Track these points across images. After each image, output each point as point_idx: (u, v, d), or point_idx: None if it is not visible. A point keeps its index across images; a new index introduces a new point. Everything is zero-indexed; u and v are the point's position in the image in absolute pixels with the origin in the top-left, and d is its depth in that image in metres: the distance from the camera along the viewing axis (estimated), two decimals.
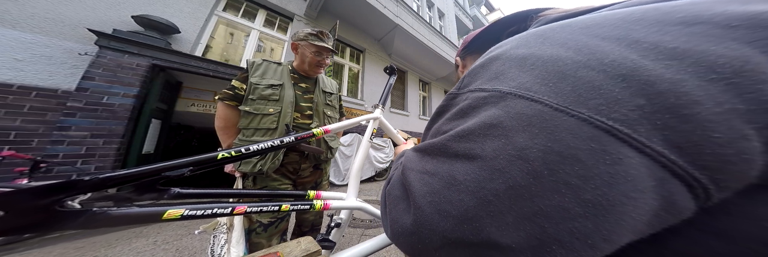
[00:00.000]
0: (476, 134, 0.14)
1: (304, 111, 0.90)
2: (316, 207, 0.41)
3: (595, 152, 0.11)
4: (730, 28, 0.11)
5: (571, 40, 0.14)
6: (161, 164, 0.31)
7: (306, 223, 0.99)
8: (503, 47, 0.17)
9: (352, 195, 0.55)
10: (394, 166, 0.31)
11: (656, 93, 0.10)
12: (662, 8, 0.13)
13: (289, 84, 0.88)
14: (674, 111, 0.10)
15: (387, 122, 0.77)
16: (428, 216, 0.14)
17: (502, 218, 0.12)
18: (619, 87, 0.11)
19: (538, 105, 0.12)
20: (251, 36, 3.19)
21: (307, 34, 0.89)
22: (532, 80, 0.13)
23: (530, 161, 0.12)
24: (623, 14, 0.14)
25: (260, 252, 0.42)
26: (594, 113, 0.11)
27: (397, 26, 4.51)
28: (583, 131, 0.11)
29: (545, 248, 0.11)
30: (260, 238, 0.77)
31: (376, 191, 3.05)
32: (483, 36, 0.37)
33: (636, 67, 0.11)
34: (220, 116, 0.84)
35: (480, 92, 0.16)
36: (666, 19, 0.12)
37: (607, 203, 0.10)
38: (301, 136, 0.51)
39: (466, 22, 9.24)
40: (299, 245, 0.46)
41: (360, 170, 0.61)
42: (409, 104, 5.72)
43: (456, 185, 0.14)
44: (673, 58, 0.11)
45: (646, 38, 0.12)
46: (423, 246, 0.15)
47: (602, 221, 0.11)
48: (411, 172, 0.18)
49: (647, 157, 0.10)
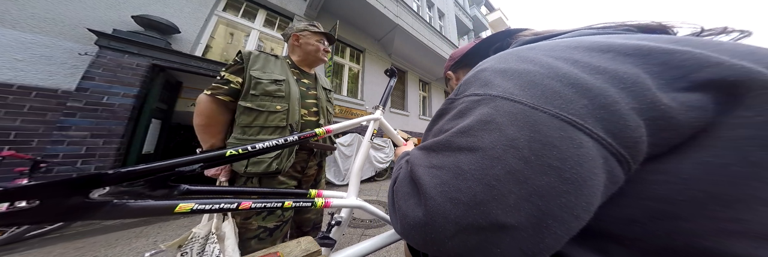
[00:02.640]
0: (475, 129, 0.17)
1: (310, 108, 0.88)
2: (317, 205, 0.41)
3: (564, 138, 0.14)
4: (627, 56, 0.17)
5: (536, 59, 0.19)
6: (175, 161, 0.32)
7: (307, 223, 0.98)
8: (489, 62, 0.22)
9: (352, 194, 0.55)
10: (397, 166, 0.33)
11: (593, 96, 0.15)
12: (590, 40, 0.20)
13: (293, 80, 0.85)
14: (605, 108, 0.15)
15: (387, 123, 0.77)
16: (441, 204, 0.16)
17: (505, 200, 0.14)
18: (571, 91, 0.16)
19: (519, 105, 0.16)
20: (251, 36, 3.19)
21: (306, 25, 0.92)
22: (513, 86, 0.18)
23: (520, 149, 0.15)
24: (568, 43, 0.20)
25: (260, 252, 0.43)
26: (559, 110, 0.15)
27: (397, 26, 4.51)
28: (553, 123, 0.15)
29: (542, 224, 0.14)
30: (265, 243, 0.75)
31: (375, 191, 3.05)
32: (473, 52, 0.44)
33: (578, 78, 0.16)
34: (203, 113, 0.74)
35: (474, 96, 0.19)
36: (592, 48, 0.18)
37: (581, 179, 0.14)
38: (303, 135, 0.50)
39: (466, 22, 9.24)
40: (299, 245, 0.46)
41: (360, 169, 0.61)
42: (409, 104, 5.72)
43: (463, 175, 0.16)
44: (598, 72, 0.16)
45: (582, 59, 0.17)
46: (436, 236, 0.16)
47: (581, 194, 0.14)
48: (419, 168, 0.20)
49: (595, 141, 0.14)
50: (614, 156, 0.15)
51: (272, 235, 0.76)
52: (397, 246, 1.45)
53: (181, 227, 1.62)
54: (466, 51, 0.44)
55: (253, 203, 0.34)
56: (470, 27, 9.56)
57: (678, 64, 0.15)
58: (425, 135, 0.26)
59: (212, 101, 0.74)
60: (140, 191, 0.31)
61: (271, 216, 0.76)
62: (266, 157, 0.74)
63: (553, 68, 0.17)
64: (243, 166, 0.74)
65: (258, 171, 0.73)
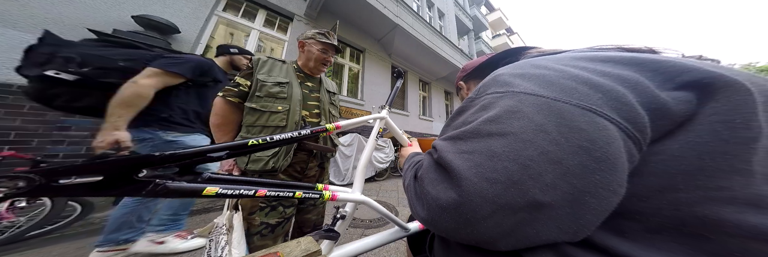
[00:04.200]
0: (503, 117, 0.20)
1: (312, 110, 0.91)
2: (325, 197, 0.44)
3: (591, 123, 0.17)
4: (625, 64, 0.21)
5: (549, 66, 0.23)
6: (207, 147, 0.37)
7: (308, 223, 0.99)
8: (505, 70, 0.26)
9: (357, 189, 0.56)
10: (409, 163, 0.37)
11: (605, 91, 0.18)
12: (591, 53, 0.24)
13: (296, 82, 0.89)
14: (618, 100, 0.18)
15: (393, 123, 0.77)
16: (477, 184, 0.18)
17: (542, 179, 0.16)
18: (585, 88, 0.19)
19: (542, 98, 0.19)
20: (251, 36, 3.19)
21: (314, 34, 0.94)
22: (533, 85, 0.21)
23: (549, 133, 0.17)
24: (573, 55, 0.24)
25: (260, 252, 0.43)
26: (578, 101, 0.18)
27: (397, 26, 4.51)
28: (576, 111, 0.18)
29: (579, 200, 0.16)
30: (266, 240, 0.77)
31: (375, 190, 3.05)
32: (485, 65, 0.50)
33: (589, 78, 0.20)
34: (218, 113, 0.82)
35: (495, 94, 0.23)
36: (595, 58, 0.22)
37: (613, 157, 0.16)
38: (315, 130, 0.53)
39: (466, 22, 9.23)
40: (299, 245, 0.46)
41: (365, 166, 0.62)
42: (409, 104, 5.72)
43: (497, 156, 0.18)
44: (604, 75, 0.20)
45: (588, 66, 0.21)
46: (471, 215, 0.18)
47: (615, 170, 0.16)
48: (448, 154, 0.21)
49: (615, 125, 0.17)
50: (631, 138, 0.17)
51: (274, 232, 0.78)
52: (397, 246, 1.45)
53: None
54: (479, 64, 0.50)
55: (268, 191, 0.37)
56: (470, 27, 9.56)
57: (665, 70, 0.19)
58: (444, 131, 0.29)
59: (224, 102, 0.82)
60: (173, 175, 0.34)
61: (273, 212, 0.78)
62: (264, 155, 0.76)
63: (566, 72, 0.21)
64: (244, 163, 0.78)
65: (256, 169, 0.76)
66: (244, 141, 0.42)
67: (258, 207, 0.77)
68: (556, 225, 0.17)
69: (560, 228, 0.17)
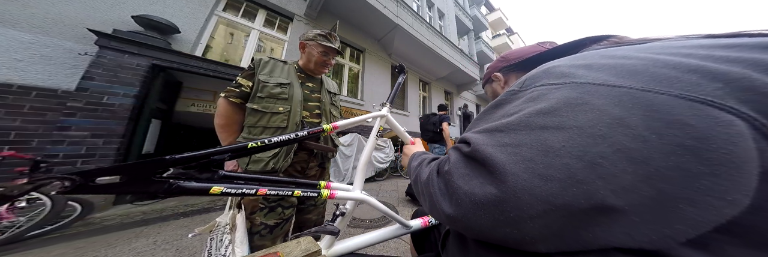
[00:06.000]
0: (563, 110, 0.17)
1: (312, 110, 0.91)
2: (323, 195, 0.44)
3: (702, 117, 0.13)
4: (763, 48, 0.16)
5: (629, 55, 0.19)
6: (211, 150, 0.40)
7: (308, 223, 0.99)
8: (561, 61, 0.22)
9: (357, 187, 0.57)
10: (419, 160, 0.34)
11: (729, 79, 0.14)
12: (704, 40, 0.19)
13: (297, 83, 0.89)
14: (752, 90, 0.14)
15: (394, 120, 0.76)
16: (526, 180, 0.15)
17: (616, 180, 0.14)
18: (695, 76, 0.15)
19: (621, 89, 0.16)
20: (251, 36, 3.19)
21: (316, 35, 0.92)
22: (606, 75, 0.17)
23: (632, 127, 0.14)
24: (670, 44, 0.20)
25: (260, 252, 0.42)
26: (683, 92, 0.14)
27: (397, 26, 4.51)
28: (678, 103, 0.14)
29: (668, 208, 0.13)
30: (265, 240, 0.77)
31: (376, 190, 3.05)
32: (536, 59, 0.43)
33: (700, 65, 0.16)
34: (222, 114, 0.82)
35: (549, 85, 0.20)
36: (712, 45, 0.18)
37: (738, 160, 0.13)
38: (312, 131, 0.54)
39: (466, 22, 9.23)
40: (299, 245, 0.45)
41: (367, 164, 0.62)
42: (409, 104, 5.72)
43: (554, 152, 0.15)
44: (728, 61, 0.15)
45: (698, 53, 0.17)
46: (517, 214, 0.15)
47: (735, 176, 0.13)
48: (486, 147, 0.19)
49: (745, 121, 0.13)
50: (765, 138, 0.13)
51: (272, 232, 0.78)
52: (397, 246, 1.45)
53: (181, 227, 1.62)
54: (529, 56, 0.44)
55: (268, 190, 0.40)
56: (470, 27, 9.56)
57: None
58: (474, 124, 0.26)
59: (227, 103, 0.82)
60: (191, 174, 0.39)
61: (272, 213, 0.78)
62: (264, 156, 0.76)
63: (658, 60, 0.17)
64: (245, 164, 0.78)
65: (256, 170, 0.76)
66: (244, 144, 0.44)
67: (258, 207, 0.77)
68: (624, 231, 0.14)
69: (629, 235, 0.14)
